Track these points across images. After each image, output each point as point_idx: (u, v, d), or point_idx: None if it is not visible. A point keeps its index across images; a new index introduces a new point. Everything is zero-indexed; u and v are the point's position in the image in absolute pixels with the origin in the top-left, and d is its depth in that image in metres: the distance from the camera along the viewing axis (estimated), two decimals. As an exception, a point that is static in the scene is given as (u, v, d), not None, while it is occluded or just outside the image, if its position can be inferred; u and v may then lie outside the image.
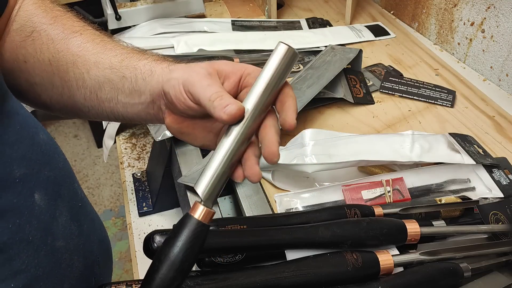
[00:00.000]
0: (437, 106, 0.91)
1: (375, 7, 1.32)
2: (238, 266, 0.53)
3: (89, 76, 0.48)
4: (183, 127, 0.47)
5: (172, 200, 0.79)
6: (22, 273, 0.40)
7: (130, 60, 0.48)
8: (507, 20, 0.90)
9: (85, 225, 0.50)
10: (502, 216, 0.60)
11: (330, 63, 0.93)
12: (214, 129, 0.47)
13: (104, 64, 0.48)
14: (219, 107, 0.40)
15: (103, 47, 0.49)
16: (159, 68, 0.47)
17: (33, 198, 0.42)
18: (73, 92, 0.50)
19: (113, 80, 0.48)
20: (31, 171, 0.42)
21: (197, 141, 0.48)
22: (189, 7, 1.24)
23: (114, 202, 2.19)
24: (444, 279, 0.52)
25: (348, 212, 0.58)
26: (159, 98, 0.47)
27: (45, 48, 0.49)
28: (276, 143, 0.41)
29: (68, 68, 0.49)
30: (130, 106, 0.49)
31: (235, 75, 0.44)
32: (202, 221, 0.39)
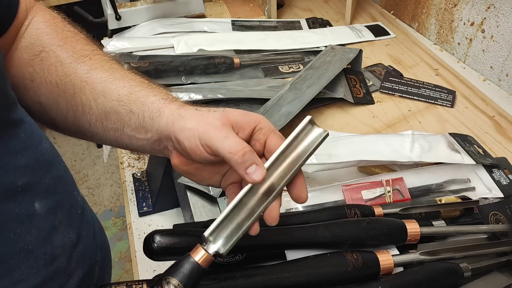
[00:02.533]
0: (437, 106, 0.91)
1: (375, 7, 1.32)
2: (238, 266, 0.53)
3: (96, 104, 0.48)
4: (191, 169, 0.47)
5: (172, 200, 0.78)
6: (22, 283, 0.40)
7: (138, 95, 0.48)
8: (507, 20, 0.90)
9: (85, 231, 0.49)
10: (502, 217, 0.60)
11: (330, 63, 0.93)
12: (222, 171, 0.47)
13: (111, 95, 0.48)
14: (243, 164, 0.41)
15: (112, 75, 0.49)
16: (168, 110, 0.46)
17: (34, 207, 0.41)
18: (78, 117, 0.49)
19: (120, 113, 0.47)
20: (33, 180, 0.41)
21: (204, 182, 0.48)
22: (189, 7, 1.24)
23: (114, 202, 2.19)
24: (444, 279, 0.52)
25: (348, 212, 0.58)
26: (167, 140, 0.46)
27: (53, 69, 0.48)
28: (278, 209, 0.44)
29: (75, 93, 0.48)
30: (136, 139, 0.48)
31: (249, 127, 0.44)
32: (200, 265, 0.40)
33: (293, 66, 1.03)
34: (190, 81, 0.94)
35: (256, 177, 0.41)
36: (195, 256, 0.40)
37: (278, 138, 0.44)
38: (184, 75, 0.95)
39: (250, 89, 0.90)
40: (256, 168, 0.41)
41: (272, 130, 0.45)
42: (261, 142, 0.44)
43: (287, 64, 1.04)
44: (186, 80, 0.94)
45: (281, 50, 1.08)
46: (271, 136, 0.44)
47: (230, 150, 0.41)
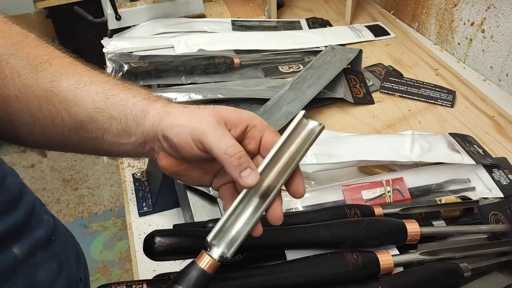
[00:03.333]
0: (437, 106, 0.91)
1: (375, 7, 1.32)
2: (238, 266, 0.53)
3: (69, 114, 0.43)
4: (180, 170, 0.45)
5: (172, 200, 0.78)
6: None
7: (116, 98, 0.44)
8: (507, 20, 0.90)
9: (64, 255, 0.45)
10: (502, 217, 0.60)
11: (330, 63, 0.93)
12: (213, 171, 0.46)
13: (85, 102, 0.43)
14: (238, 167, 0.40)
15: (80, 80, 0.44)
16: (153, 109, 0.44)
17: (14, 254, 0.37)
18: (47, 130, 0.44)
19: (98, 120, 0.44)
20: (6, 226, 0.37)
21: (194, 182, 0.47)
22: (189, 7, 1.24)
23: (114, 202, 2.19)
24: (444, 279, 0.52)
25: (348, 212, 0.58)
26: (153, 141, 0.44)
27: (10, 83, 0.42)
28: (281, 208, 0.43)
29: (41, 105, 0.43)
30: (118, 145, 0.45)
31: (242, 125, 0.43)
32: (206, 271, 0.40)
33: (293, 66, 1.03)
34: (190, 81, 0.94)
35: (250, 181, 0.40)
36: (201, 263, 0.40)
37: (274, 135, 0.43)
38: (184, 75, 0.95)
39: (250, 89, 0.90)
40: (250, 172, 0.40)
41: (267, 126, 0.44)
42: (256, 140, 0.43)
43: (287, 64, 1.04)
44: (186, 80, 0.94)
45: (281, 50, 1.08)
46: (267, 133, 0.43)
47: (226, 151, 0.40)
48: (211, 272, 0.40)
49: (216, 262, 0.40)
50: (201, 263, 0.40)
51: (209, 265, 0.40)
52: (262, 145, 0.43)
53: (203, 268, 0.40)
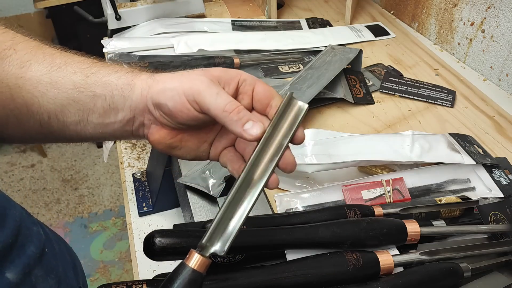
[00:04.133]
0: (437, 106, 0.91)
1: (375, 7, 1.32)
2: (238, 266, 0.53)
3: (46, 99, 0.41)
4: (175, 142, 0.43)
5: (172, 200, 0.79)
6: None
7: (97, 76, 0.42)
8: (507, 20, 0.90)
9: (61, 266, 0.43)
10: (502, 217, 0.60)
11: (330, 63, 0.93)
12: (209, 139, 0.44)
13: (64, 83, 0.41)
14: (239, 122, 0.38)
15: (52, 62, 0.42)
16: (139, 80, 0.42)
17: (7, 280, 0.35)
18: (23, 121, 0.42)
19: (81, 100, 0.41)
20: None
21: (190, 154, 0.45)
22: (189, 7, 1.24)
23: (114, 202, 2.19)
24: (444, 279, 0.52)
25: (348, 212, 0.58)
26: (143, 114, 0.42)
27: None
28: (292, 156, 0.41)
29: (13, 94, 0.40)
30: (103, 126, 0.43)
31: (233, 82, 0.42)
32: (197, 270, 0.38)
33: (293, 66, 1.03)
34: (190, 81, 0.94)
35: (255, 132, 0.38)
36: (190, 262, 0.39)
37: (265, 86, 0.42)
38: (184, 75, 0.95)
39: (250, 89, 0.90)
40: (253, 123, 0.38)
41: (256, 79, 0.43)
42: (248, 93, 0.42)
43: (287, 64, 1.04)
44: (186, 80, 0.94)
45: (281, 50, 1.08)
46: (257, 85, 0.42)
47: (225, 108, 0.38)
48: (203, 270, 0.39)
49: (207, 259, 0.39)
50: (190, 262, 0.39)
51: (199, 264, 0.39)
52: (254, 97, 0.42)
53: (192, 267, 0.38)
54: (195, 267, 0.38)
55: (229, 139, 0.44)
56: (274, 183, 0.41)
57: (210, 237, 0.40)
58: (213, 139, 0.44)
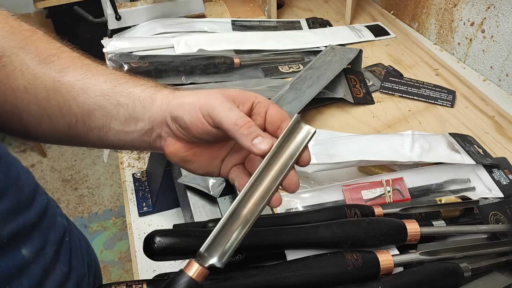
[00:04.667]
0: (437, 106, 0.91)
1: (375, 7, 1.32)
2: (238, 266, 0.53)
3: (76, 103, 0.44)
4: (189, 155, 0.45)
5: (172, 200, 0.78)
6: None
7: (123, 86, 0.45)
8: (507, 20, 0.90)
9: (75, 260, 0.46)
10: (502, 217, 0.60)
11: (330, 63, 0.93)
12: (221, 155, 0.46)
13: (93, 90, 0.44)
14: (249, 136, 0.40)
15: (88, 71, 0.45)
16: (161, 95, 0.45)
17: (21, 255, 0.38)
18: (55, 121, 0.45)
19: (106, 107, 0.44)
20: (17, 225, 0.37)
21: (202, 169, 0.46)
22: (189, 7, 1.24)
23: (114, 202, 2.19)
24: (444, 279, 0.52)
25: (348, 212, 0.58)
26: (161, 126, 0.45)
27: (19, 74, 0.43)
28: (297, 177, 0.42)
29: (49, 95, 0.44)
30: (124, 133, 0.46)
31: (248, 102, 0.44)
32: (195, 279, 0.39)
33: (293, 66, 1.03)
34: (190, 81, 0.94)
35: (263, 147, 0.40)
36: (189, 271, 0.39)
37: (278, 109, 0.44)
38: (184, 75, 0.95)
39: (250, 89, 0.90)
40: (262, 139, 0.40)
41: (270, 102, 0.44)
42: (261, 115, 0.44)
43: (287, 64, 1.04)
44: (186, 80, 0.94)
45: (281, 50, 1.08)
46: (271, 108, 0.44)
47: (236, 122, 0.40)
48: (200, 280, 0.40)
49: (205, 270, 0.40)
50: (189, 271, 0.39)
51: (198, 273, 0.40)
52: (267, 119, 0.44)
53: (191, 276, 0.39)
54: (193, 277, 0.39)
55: (240, 157, 0.46)
56: (277, 201, 0.42)
57: (208, 247, 0.40)
58: (224, 156, 0.46)
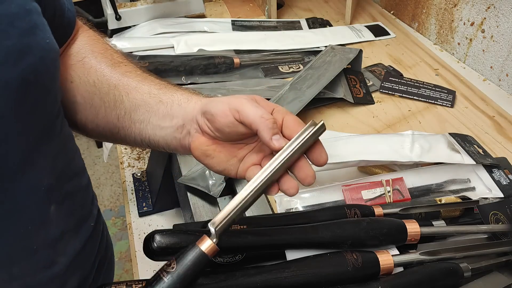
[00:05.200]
0: (437, 106, 0.91)
1: (375, 7, 1.32)
2: (238, 266, 0.53)
3: (128, 98, 0.53)
4: (210, 150, 0.49)
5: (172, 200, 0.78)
6: (17, 280, 0.41)
7: (168, 89, 0.53)
8: (507, 20, 0.90)
9: (91, 244, 0.52)
10: (502, 216, 0.60)
11: (330, 63, 0.93)
12: (238, 155, 0.49)
13: (143, 89, 0.53)
14: (271, 131, 0.44)
15: (144, 78, 0.55)
16: (196, 97, 0.52)
17: (49, 210, 0.44)
18: (108, 112, 0.54)
19: (150, 104, 0.52)
20: (56, 184, 0.45)
21: (220, 165, 0.50)
22: (189, 7, 1.24)
23: (114, 202, 2.19)
24: (444, 279, 0.52)
25: (348, 212, 0.58)
26: (191, 123, 0.50)
27: (93, 71, 0.54)
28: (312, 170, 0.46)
29: (110, 90, 0.53)
30: (160, 128, 0.52)
31: (269, 107, 0.47)
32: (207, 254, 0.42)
33: (293, 66, 1.03)
34: (190, 81, 0.94)
35: (278, 145, 0.44)
36: (202, 246, 0.42)
37: (294, 117, 0.48)
38: (184, 75, 0.95)
39: (250, 89, 0.90)
40: (279, 137, 0.44)
41: (288, 112, 0.48)
42: (279, 121, 0.47)
43: (287, 64, 1.04)
44: (186, 80, 0.94)
45: (281, 50, 1.08)
46: (288, 115, 0.48)
47: (262, 116, 0.44)
48: (211, 255, 0.42)
49: (216, 247, 0.42)
50: (202, 246, 0.42)
51: (210, 249, 0.42)
52: (284, 124, 0.47)
53: (203, 250, 0.42)
54: (206, 251, 0.42)
55: (258, 158, 0.49)
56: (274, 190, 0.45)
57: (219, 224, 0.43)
58: (243, 156, 0.49)
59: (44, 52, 0.41)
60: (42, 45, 0.41)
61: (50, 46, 0.42)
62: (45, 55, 0.41)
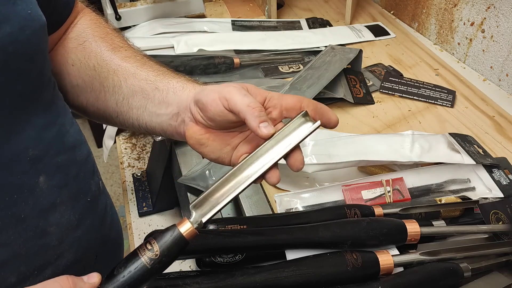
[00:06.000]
0: (437, 106, 0.91)
1: (375, 7, 1.32)
2: (238, 266, 0.53)
3: (126, 84, 0.53)
4: (204, 138, 0.50)
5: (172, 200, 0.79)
6: (5, 247, 0.42)
7: (164, 76, 0.53)
8: (507, 20, 0.90)
9: (89, 220, 0.51)
10: (502, 215, 0.60)
11: (330, 63, 0.93)
12: (232, 143, 0.50)
13: (141, 75, 0.53)
14: (258, 118, 0.44)
15: (143, 63, 0.55)
16: (191, 85, 0.52)
17: (38, 180, 0.44)
18: (108, 97, 0.55)
19: (146, 90, 0.53)
20: (44, 155, 0.45)
21: (214, 153, 0.50)
22: (189, 7, 1.24)
23: (114, 202, 2.17)
24: (444, 279, 0.52)
25: (348, 212, 0.58)
26: (186, 111, 0.50)
27: (93, 55, 0.54)
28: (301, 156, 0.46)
29: (109, 75, 0.54)
30: (156, 115, 0.53)
31: (261, 96, 0.48)
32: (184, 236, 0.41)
33: (293, 66, 1.03)
34: (190, 81, 0.94)
35: (266, 131, 0.44)
36: (181, 228, 0.41)
37: (292, 96, 0.48)
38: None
39: (250, 89, 0.90)
40: (267, 124, 0.44)
41: (283, 94, 0.49)
42: (277, 107, 0.48)
43: (287, 64, 1.04)
44: (186, 80, 0.94)
45: (281, 50, 1.08)
46: (285, 97, 0.48)
47: (248, 104, 0.44)
48: (188, 238, 0.42)
49: (195, 230, 0.41)
50: (181, 228, 0.41)
51: (188, 232, 0.41)
52: (285, 108, 0.48)
53: (181, 233, 0.41)
54: (184, 233, 0.41)
55: (250, 147, 0.49)
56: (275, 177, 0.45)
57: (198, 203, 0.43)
58: (236, 145, 0.50)
59: (25, 22, 0.41)
60: (23, 16, 0.41)
61: (32, 17, 0.42)
62: (26, 25, 0.41)
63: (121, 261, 0.40)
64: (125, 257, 0.40)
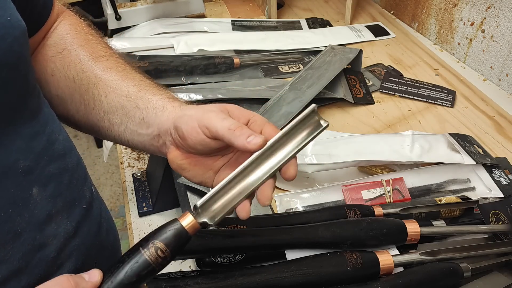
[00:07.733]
0: (437, 106, 0.91)
1: (375, 7, 1.32)
2: (238, 266, 0.53)
3: (106, 99, 0.51)
4: (185, 164, 0.48)
5: (172, 200, 0.78)
6: (4, 264, 0.41)
7: (145, 93, 0.51)
8: (507, 20, 0.90)
9: (86, 227, 0.50)
10: (502, 216, 0.60)
11: (330, 63, 0.93)
12: (214, 167, 0.49)
13: (121, 91, 0.51)
14: (242, 136, 0.43)
15: (125, 76, 0.53)
16: (171, 106, 0.50)
17: (31, 192, 0.43)
18: (88, 111, 0.53)
19: (127, 108, 0.51)
20: (35, 165, 0.43)
21: (196, 178, 0.49)
22: (189, 7, 1.24)
23: (114, 202, 2.19)
24: (444, 279, 0.52)
25: (348, 212, 0.58)
26: (166, 134, 0.49)
27: (73, 66, 0.52)
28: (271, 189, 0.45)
29: (89, 88, 0.52)
30: (137, 134, 0.51)
31: (244, 118, 0.46)
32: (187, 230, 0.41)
33: (293, 66, 1.03)
34: (190, 81, 0.94)
35: (257, 142, 0.43)
36: (183, 221, 0.41)
37: (273, 128, 0.46)
38: (184, 75, 0.95)
39: (250, 89, 0.90)
40: (254, 136, 0.43)
41: (266, 121, 0.47)
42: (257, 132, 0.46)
43: (287, 64, 1.04)
44: (186, 80, 0.94)
45: (281, 50, 1.08)
46: (266, 126, 0.46)
47: (229, 127, 0.43)
48: (191, 232, 0.41)
49: (198, 224, 0.41)
50: (183, 221, 0.41)
51: (190, 225, 0.41)
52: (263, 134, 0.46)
53: (183, 226, 0.40)
54: (186, 227, 0.41)
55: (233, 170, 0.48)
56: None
57: (204, 204, 0.42)
58: (218, 169, 0.49)
59: (6, 30, 0.39)
60: (3, 23, 0.39)
61: (12, 24, 0.40)
62: (6, 32, 0.39)
63: (122, 256, 0.40)
64: (126, 252, 0.40)
